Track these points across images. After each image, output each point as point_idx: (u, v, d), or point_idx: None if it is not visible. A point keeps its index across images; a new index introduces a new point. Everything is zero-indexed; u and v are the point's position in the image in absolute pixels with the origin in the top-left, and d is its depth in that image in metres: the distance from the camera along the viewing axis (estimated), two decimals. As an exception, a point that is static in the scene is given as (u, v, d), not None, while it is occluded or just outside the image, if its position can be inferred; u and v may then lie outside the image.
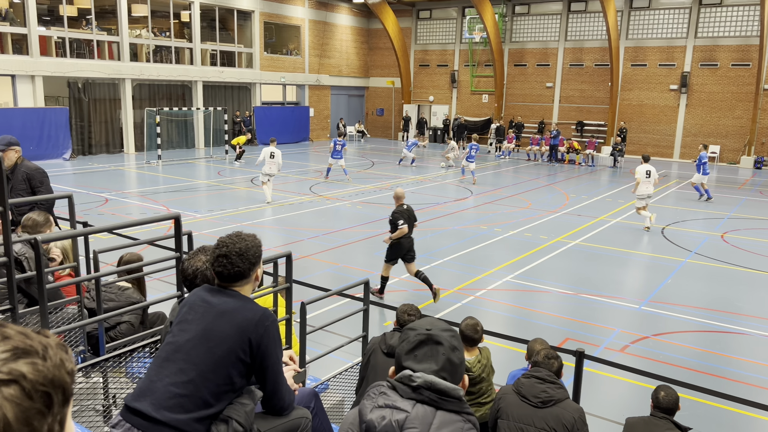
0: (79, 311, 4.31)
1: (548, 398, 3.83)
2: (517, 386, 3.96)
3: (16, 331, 0.90)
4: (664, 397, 4.29)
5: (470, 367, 4.54)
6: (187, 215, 13.92)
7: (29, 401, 0.84)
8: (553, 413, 3.79)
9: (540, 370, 3.99)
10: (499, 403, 4.00)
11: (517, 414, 3.84)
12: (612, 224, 14.89)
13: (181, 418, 2.52)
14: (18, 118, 21.63)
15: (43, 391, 0.86)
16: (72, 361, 0.93)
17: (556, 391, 3.88)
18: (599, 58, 31.22)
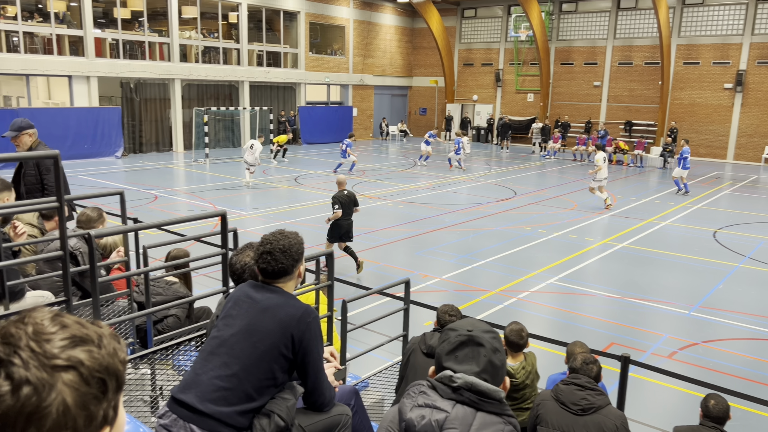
0: (129, 304, 4.46)
1: (588, 405, 3.74)
2: (556, 393, 3.87)
3: (73, 321, 0.94)
4: (714, 406, 4.16)
5: (513, 373, 4.48)
6: (232, 212, 14.20)
7: (86, 387, 0.88)
8: (594, 421, 3.70)
9: (579, 377, 3.89)
10: (537, 409, 3.92)
11: (557, 421, 3.76)
12: (661, 227, 14.48)
13: (225, 410, 2.58)
14: (74, 117, 22.47)
15: (98, 377, 0.90)
16: (124, 350, 0.97)
17: (597, 397, 3.78)
18: (649, 56, 30.39)
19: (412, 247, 12.06)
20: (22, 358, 0.86)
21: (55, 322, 0.92)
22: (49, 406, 0.84)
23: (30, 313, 0.94)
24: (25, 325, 0.91)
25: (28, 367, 0.85)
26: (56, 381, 0.86)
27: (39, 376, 0.85)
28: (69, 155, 21.73)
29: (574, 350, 4.74)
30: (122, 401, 0.98)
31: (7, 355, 0.87)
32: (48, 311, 0.95)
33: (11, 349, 0.87)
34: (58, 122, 21.90)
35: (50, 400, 0.84)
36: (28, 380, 0.84)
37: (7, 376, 0.84)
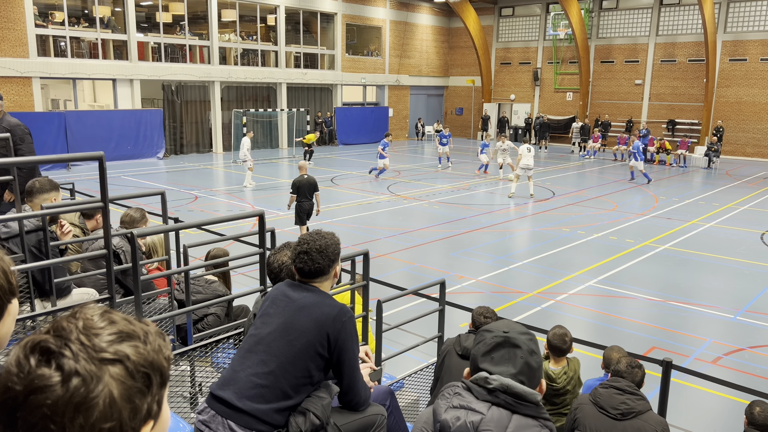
0: (170, 302, 4.56)
1: (628, 410, 3.63)
2: (595, 397, 3.77)
3: (121, 318, 0.98)
4: (759, 413, 4.02)
5: (555, 378, 4.40)
6: (270, 213, 14.38)
7: (132, 380, 0.91)
8: (634, 426, 3.59)
9: (619, 380, 3.79)
10: (575, 413, 3.83)
11: (595, 426, 3.67)
12: (705, 228, 14.08)
13: (262, 407, 2.62)
14: (117, 119, 23.10)
15: (144, 372, 0.93)
16: (169, 348, 1.01)
17: (637, 402, 3.67)
18: (693, 53, 29.57)
19: (447, 247, 12.01)
20: (72, 350, 0.90)
21: (104, 318, 0.96)
22: (96, 397, 0.87)
23: (81, 309, 0.98)
24: (76, 320, 0.95)
25: (78, 359, 0.89)
26: (104, 373, 0.89)
27: (87, 368, 0.88)
28: (113, 156, 22.35)
29: (611, 355, 4.64)
30: (167, 397, 1.00)
31: (58, 347, 0.90)
32: (98, 308, 0.99)
33: (62, 342, 0.91)
34: (102, 124, 22.55)
35: (97, 391, 0.87)
36: (77, 372, 0.87)
37: (57, 367, 0.88)
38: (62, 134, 21.37)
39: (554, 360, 4.51)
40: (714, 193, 19.08)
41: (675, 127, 30.03)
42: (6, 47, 20.57)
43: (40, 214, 3.58)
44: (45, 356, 0.89)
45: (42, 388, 0.86)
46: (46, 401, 0.85)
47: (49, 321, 3.87)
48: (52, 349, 0.90)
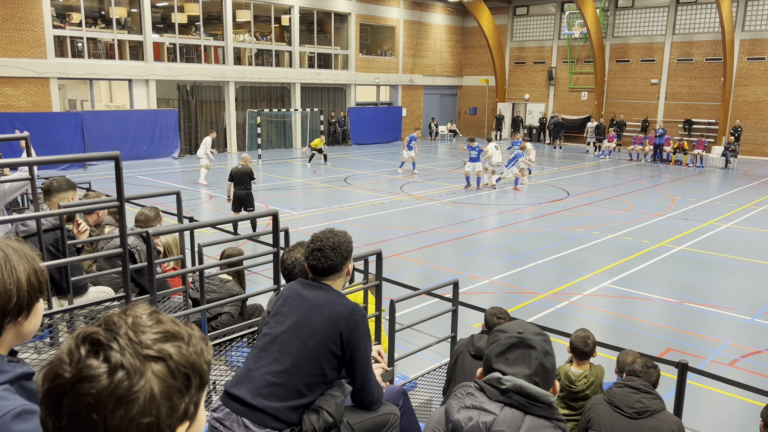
0: (185, 301, 4.59)
1: (644, 409, 3.60)
2: (609, 396, 3.75)
3: (168, 319, 1.03)
4: None
5: (575, 380, 4.36)
6: (284, 212, 14.44)
7: (172, 379, 0.95)
8: (650, 425, 3.56)
9: (634, 380, 3.76)
10: (589, 413, 3.80)
11: (610, 425, 3.64)
12: (722, 229, 13.91)
13: (276, 405, 2.64)
14: (134, 119, 23.31)
15: (184, 372, 0.97)
16: (211, 353, 1.04)
17: (652, 401, 3.64)
18: (711, 52, 29.23)
19: (461, 247, 11.98)
20: (119, 344, 0.94)
21: (152, 318, 1.01)
22: (138, 391, 0.91)
23: (131, 307, 1.03)
24: (126, 316, 0.99)
25: (124, 353, 0.93)
26: (146, 369, 0.93)
27: (132, 362, 0.92)
28: (129, 156, 22.56)
29: (625, 359, 4.60)
30: (203, 402, 1.03)
31: (107, 340, 0.95)
32: (147, 307, 1.03)
33: (111, 335, 0.95)
34: (118, 124, 22.77)
35: (140, 386, 0.91)
36: (122, 365, 0.92)
37: (105, 359, 0.92)
38: (79, 134, 21.61)
39: (576, 363, 4.46)
40: (731, 193, 18.85)
41: (692, 126, 29.71)
42: (24, 48, 20.83)
43: (58, 213, 3.63)
44: (94, 347, 0.93)
45: (89, 378, 0.90)
46: (91, 390, 0.89)
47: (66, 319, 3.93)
48: (101, 341, 0.94)
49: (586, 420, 3.82)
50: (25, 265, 1.42)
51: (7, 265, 1.39)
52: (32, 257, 1.45)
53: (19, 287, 1.39)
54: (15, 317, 1.42)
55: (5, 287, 1.37)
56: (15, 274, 1.39)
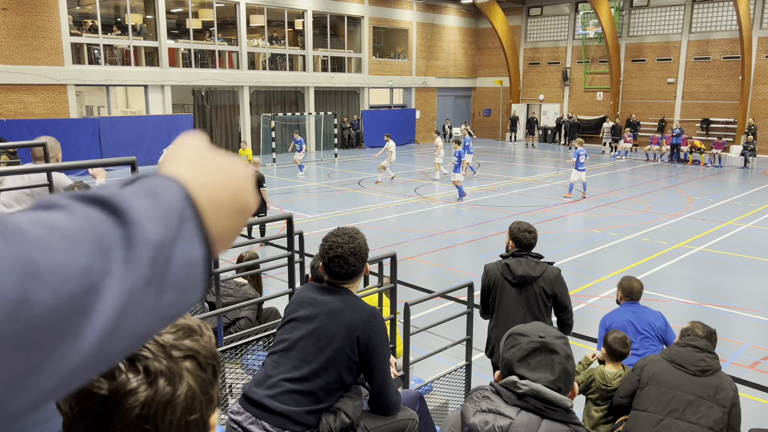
0: (201, 305, 4.62)
1: (707, 367, 3.66)
2: (670, 355, 3.77)
3: None
4: None
5: (610, 379, 4.29)
6: (298, 215, 14.48)
7: (204, 373, 0.96)
8: (712, 383, 3.60)
9: (698, 339, 3.81)
10: (642, 371, 3.79)
11: (672, 381, 3.65)
12: (742, 229, 13.72)
13: (295, 409, 2.65)
14: (149, 125, 23.53)
15: (211, 363, 0.98)
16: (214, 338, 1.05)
17: (714, 361, 3.72)
18: (728, 51, 28.88)
19: (475, 250, 11.93)
20: (151, 351, 0.93)
21: None
22: (181, 394, 0.92)
23: None
24: None
25: (159, 359, 0.92)
26: (182, 370, 0.93)
27: (169, 365, 0.92)
28: (145, 161, 22.64)
29: (632, 285, 5.09)
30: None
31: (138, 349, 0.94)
32: None
33: None
34: (135, 130, 23.00)
35: (181, 388, 0.92)
36: (162, 371, 0.91)
37: (144, 370, 0.91)
38: (96, 140, 21.86)
39: (613, 364, 4.40)
40: (751, 193, 18.59)
41: (709, 126, 29.36)
42: (42, 56, 21.13)
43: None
44: (129, 359, 0.92)
45: (132, 391, 0.89)
46: (137, 402, 0.89)
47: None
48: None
49: (637, 378, 3.79)
50: None
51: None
52: None
53: None
54: None
55: None
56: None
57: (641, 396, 3.69)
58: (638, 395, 3.71)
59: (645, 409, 3.63)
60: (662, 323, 5.02)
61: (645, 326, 4.90)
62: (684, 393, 3.56)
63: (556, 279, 4.52)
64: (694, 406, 3.52)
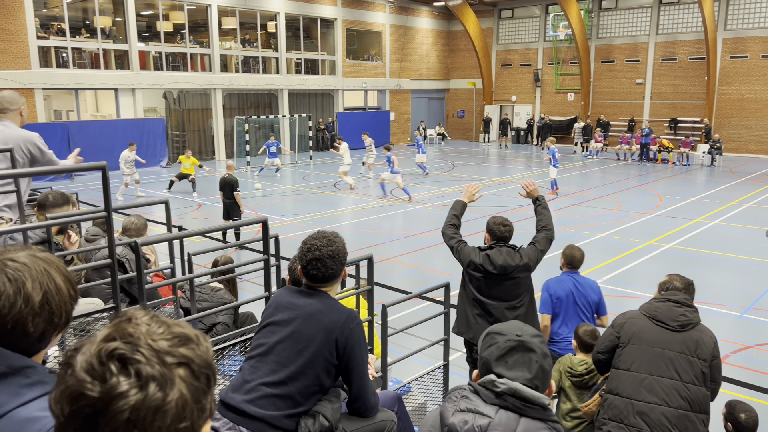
0: (175, 310, 4.56)
1: (687, 321, 3.65)
2: (650, 311, 3.73)
3: (172, 322, 1.02)
4: (745, 420, 3.96)
5: (575, 365, 4.38)
6: (274, 219, 14.39)
7: (197, 382, 0.96)
8: (693, 337, 3.61)
9: (676, 293, 3.78)
10: (622, 329, 3.75)
11: (653, 339, 3.62)
12: (710, 226, 14.03)
13: (273, 414, 2.64)
14: (120, 129, 23.18)
15: (205, 373, 0.98)
16: (212, 349, 1.05)
17: (694, 314, 3.71)
18: (694, 52, 29.54)
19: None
20: (145, 355, 0.93)
21: (158, 322, 1.00)
22: (172, 401, 0.91)
23: (134, 313, 1.01)
24: (138, 325, 0.98)
25: (152, 364, 0.92)
26: (175, 376, 0.92)
27: (162, 371, 0.92)
28: (116, 166, 22.37)
29: (573, 253, 5.48)
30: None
31: (131, 353, 0.93)
32: (145, 312, 1.02)
33: (134, 348, 0.94)
34: (105, 134, 22.63)
35: (172, 395, 0.91)
36: (154, 377, 0.91)
37: (136, 373, 0.91)
38: (65, 145, 21.44)
39: (584, 356, 4.47)
40: (718, 190, 19.03)
41: (677, 125, 29.99)
42: (8, 59, 20.67)
43: (43, 225, 3.59)
44: (121, 363, 0.92)
45: (123, 394, 0.89)
46: (126, 406, 0.88)
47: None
48: (126, 355, 0.92)
49: (617, 336, 3.74)
50: (61, 276, 1.41)
51: (52, 283, 1.37)
52: (62, 266, 1.44)
53: (65, 301, 1.39)
54: (62, 329, 1.43)
55: (58, 305, 1.37)
56: (60, 289, 1.38)
57: (623, 355, 3.67)
58: (619, 354, 3.69)
59: (627, 369, 3.62)
60: (597, 297, 5.45)
61: (582, 300, 5.34)
62: (666, 350, 3.56)
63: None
64: (675, 363, 3.53)
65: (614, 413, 3.58)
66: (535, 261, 4.88)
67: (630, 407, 3.53)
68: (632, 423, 3.51)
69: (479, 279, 4.85)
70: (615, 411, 3.59)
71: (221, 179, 12.33)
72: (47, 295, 1.35)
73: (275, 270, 4.51)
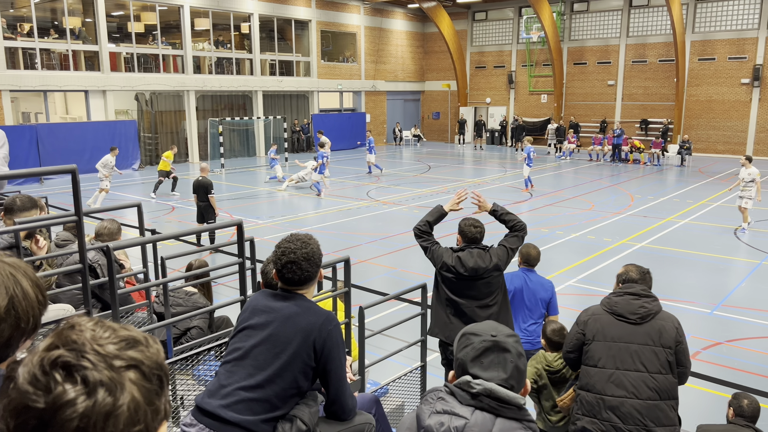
0: (149, 315, 4.49)
1: (647, 313, 3.70)
2: (610, 306, 3.80)
3: (118, 326, 1.00)
4: (748, 405, 4.09)
5: (551, 361, 4.44)
6: (249, 222, 14.28)
7: (149, 383, 0.94)
8: (654, 327, 3.66)
9: (633, 286, 3.84)
10: (586, 326, 3.83)
11: (616, 334, 3.70)
12: (681, 225, 14.31)
13: (249, 419, 2.60)
14: (91, 131, 22.77)
15: (156, 374, 0.96)
16: (163, 351, 1.04)
17: (653, 304, 3.75)
18: (664, 54, 30.12)
19: (428, 251, 12.01)
20: (91, 361, 0.91)
21: (103, 327, 0.98)
22: (123, 404, 0.89)
23: (77, 320, 0.99)
24: (81, 331, 0.96)
25: (99, 369, 0.90)
26: (124, 380, 0.91)
27: (110, 376, 0.90)
28: (87, 169, 21.96)
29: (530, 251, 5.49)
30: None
31: (76, 359, 0.91)
32: (88, 318, 1.00)
33: (78, 354, 0.92)
34: (75, 136, 22.21)
35: (123, 399, 0.90)
36: (102, 382, 0.89)
37: (82, 380, 0.89)
38: (34, 147, 21.01)
39: (551, 352, 4.54)
40: (688, 190, 19.41)
41: (648, 126, 30.53)
42: (-26, 60, 20.18)
43: (11, 230, 3.51)
44: (66, 370, 0.89)
45: (70, 402, 0.87)
46: (74, 414, 0.86)
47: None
48: (71, 362, 0.90)
49: (582, 332, 3.83)
50: (29, 281, 1.37)
51: (18, 288, 1.33)
52: (30, 270, 1.40)
53: (33, 306, 1.35)
54: (30, 335, 1.39)
55: (25, 311, 1.33)
56: (27, 294, 1.35)
57: (589, 352, 3.77)
58: (586, 351, 3.79)
59: (595, 365, 3.72)
60: (548, 295, 5.59)
61: (531, 297, 5.52)
62: (629, 344, 3.65)
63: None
64: (641, 355, 3.61)
65: (587, 409, 3.69)
66: (505, 261, 4.94)
67: (601, 402, 3.63)
68: (605, 418, 3.61)
69: (452, 280, 4.88)
70: (588, 407, 3.69)
71: (195, 182, 12.22)
72: (13, 300, 1.32)
73: (251, 273, 4.47)
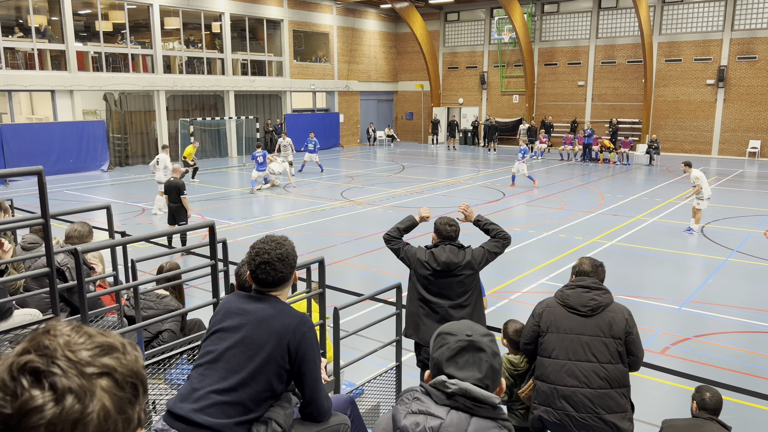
0: (119, 319, 4.41)
1: (597, 305, 3.83)
2: (562, 298, 3.93)
3: (95, 331, 0.98)
4: (711, 398, 4.18)
5: (517, 363, 4.49)
6: (221, 223, 14.13)
7: (122, 392, 0.92)
8: (604, 319, 3.79)
9: (584, 279, 3.96)
10: (540, 318, 3.97)
11: (568, 326, 3.83)
12: (649, 223, 14.58)
13: (223, 422, 2.58)
14: (58, 132, 22.29)
15: (131, 382, 0.94)
16: (142, 357, 1.02)
17: (603, 296, 3.88)
18: (632, 55, 30.68)
19: (402, 251, 12.03)
20: (61, 367, 0.89)
21: (80, 333, 0.96)
22: (92, 412, 0.87)
23: (53, 325, 0.97)
24: (55, 336, 0.94)
25: (69, 375, 0.88)
26: (95, 387, 0.89)
27: (80, 383, 0.88)
28: (54, 170, 21.54)
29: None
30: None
31: (46, 365, 0.89)
32: (66, 323, 0.98)
33: (49, 360, 0.90)
34: (42, 137, 21.73)
35: (92, 406, 0.88)
36: (71, 389, 0.87)
37: (50, 386, 0.87)
38: (-2, 149, 20.50)
39: (514, 353, 4.60)
40: (656, 188, 19.79)
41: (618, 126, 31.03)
42: (-66, 59, 19.59)
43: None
44: (34, 376, 0.88)
45: (37, 408, 0.85)
46: (41, 421, 0.84)
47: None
48: (40, 368, 0.89)
49: (537, 324, 3.96)
50: None
51: None
52: None
53: None
54: None
55: None
56: None
57: (544, 343, 3.92)
58: (541, 342, 3.94)
59: (549, 356, 3.87)
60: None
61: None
62: (581, 335, 3.79)
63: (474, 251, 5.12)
64: (591, 346, 3.76)
65: (543, 398, 3.86)
66: (480, 261, 5.01)
67: (555, 392, 3.79)
68: (559, 407, 3.77)
69: (426, 277, 4.93)
70: (543, 396, 3.86)
71: (166, 183, 12.05)
72: None
73: (223, 275, 4.43)
